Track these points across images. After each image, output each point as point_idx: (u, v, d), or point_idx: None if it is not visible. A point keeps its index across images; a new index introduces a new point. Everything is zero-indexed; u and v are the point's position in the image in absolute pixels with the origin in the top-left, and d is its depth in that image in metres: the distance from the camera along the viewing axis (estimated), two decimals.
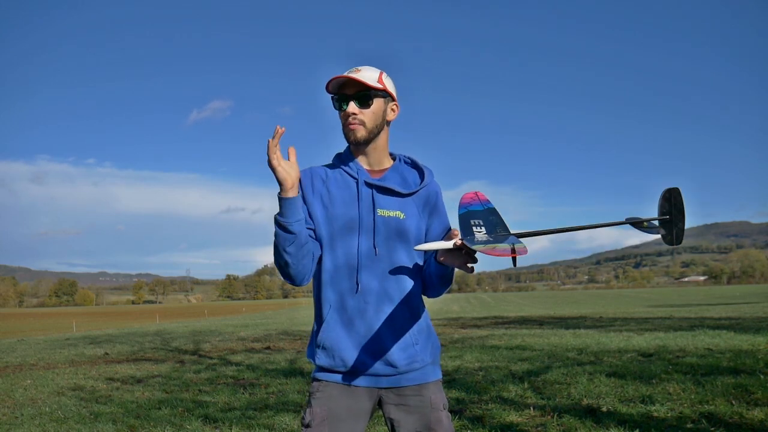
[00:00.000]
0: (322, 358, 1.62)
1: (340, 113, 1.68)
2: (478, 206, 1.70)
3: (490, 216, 1.62)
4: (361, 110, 1.64)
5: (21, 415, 5.13)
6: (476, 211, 1.67)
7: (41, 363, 9.59)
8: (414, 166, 1.79)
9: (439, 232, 1.74)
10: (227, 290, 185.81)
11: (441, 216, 1.75)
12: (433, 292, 1.72)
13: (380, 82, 1.65)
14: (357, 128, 1.64)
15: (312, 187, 1.68)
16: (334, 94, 1.66)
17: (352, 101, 1.63)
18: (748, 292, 45.01)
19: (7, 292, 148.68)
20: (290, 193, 1.54)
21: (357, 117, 1.63)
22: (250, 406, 5.11)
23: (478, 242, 1.42)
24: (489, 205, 1.70)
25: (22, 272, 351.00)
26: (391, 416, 1.62)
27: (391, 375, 1.61)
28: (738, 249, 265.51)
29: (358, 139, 1.65)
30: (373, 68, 1.68)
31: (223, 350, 10.64)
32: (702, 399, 4.47)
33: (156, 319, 32.42)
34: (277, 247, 1.56)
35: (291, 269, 1.59)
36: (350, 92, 1.64)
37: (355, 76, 1.61)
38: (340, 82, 1.64)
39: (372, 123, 1.66)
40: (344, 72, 1.66)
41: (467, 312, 27.28)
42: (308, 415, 1.59)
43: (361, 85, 1.62)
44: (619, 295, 59.08)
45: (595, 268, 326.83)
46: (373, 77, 1.65)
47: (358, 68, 1.66)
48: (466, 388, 5.45)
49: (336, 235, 1.64)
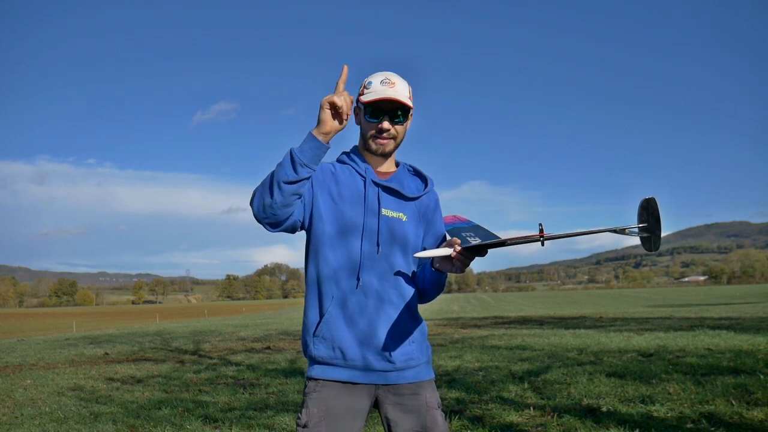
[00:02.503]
0: (321, 348, 1.62)
1: (368, 123, 1.68)
2: (464, 224, 1.81)
3: (479, 230, 1.71)
4: (395, 126, 1.67)
5: (21, 415, 5.13)
6: (464, 227, 1.77)
7: (41, 363, 9.60)
8: (417, 174, 1.82)
9: (435, 239, 1.77)
10: (227, 290, 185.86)
11: (438, 225, 1.79)
12: (425, 299, 1.75)
13: (410, 98, 1.68)
14: (388, 143, 1.68)
15: (321, 179, 1.69)
16: (368, 103, 1.66)
17: (388, 117, 1.65)
18: (748, 292, 45.05)
19: (7, 292, 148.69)
20: (328, 138, 1.51)
21: (390, 133, 1.67)
22: (250, 406, 5.11)
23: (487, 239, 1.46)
24: (472, 223, 1.81)
25: (22, 272, 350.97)
26: (388, 416, 1.63)
27: (388, 371, 1.62)
28: (738, 249, 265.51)
29: (385, 153, 1.70)
30: (402, 79, 1.70)
31: (223, 350, 10.64)
32: (702, 399, 4.47)
33: (156, 319, 32.42)
34: (275, 179, 1.48)
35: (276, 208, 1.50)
36: (386, 107, 1.65)
37: (396, 97, 1.62)
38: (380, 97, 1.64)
39: (401, 138, 1.72)
40: (374, 76, 1.68)
41: (467, 312, 27.30)
42: (304, 416, 1.58)
43: (399, 103, 1.65)
44: (619, 295, 59.09)
45: (595, 268, 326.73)
46: (407, 93, 1.68)
47: (391, 80, 1.67)
48: (466, 388, 5.45)
49: (340, 234, 1.64)
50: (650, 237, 1.77)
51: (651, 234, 1.77)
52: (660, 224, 1.78)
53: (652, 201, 1.79)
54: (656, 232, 1.77)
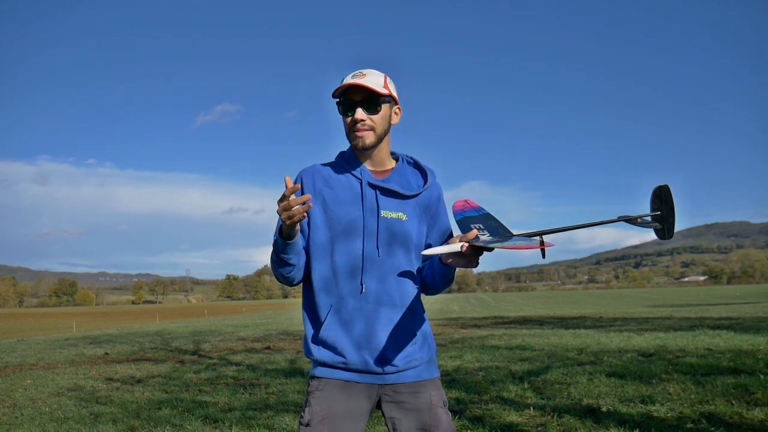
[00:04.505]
0: (322, 352, 1.62)
1: (345, 119, 1.66)
2: (473, 212, 1.73)
3: (489, 221, 1.64)
4: (370, 116, 1.63)
5: (21, 415, 5.13)
6: (473, 217, 1.69)
7: (41, 363, 9.59)
8: (416, 166, 1.78)
9: (440, 235, 1.73)
10: (227, 290, 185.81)
11: (442, 219, 1.75)
12: (433, 292, 1.73)
13: (386, 87, 1.64)
14: (366, 135, 1.63)
15: (313, 190, 1.67)
16: (340, 99, 1.65)
17: (359, 107, 1.62)
18: (748, 292, 45.04)
19: (7, 292, 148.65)
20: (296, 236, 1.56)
21: (366, 123, 1.62)
22: (250, 406, 5.11)
23: (493, 241, 1.43)
24: (483, 210, 1.73)
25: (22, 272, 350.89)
26: (391, 415, 1.62)
27: (389, 373, 1.61)
28: (738, 249, 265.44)
29: (366, 146, 1.64)
30: (377, 72, 1.66)
31: (223, 350, 10.64)
32: (702, 399, 4.47)
33: (156, 319, 32.41)
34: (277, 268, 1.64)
35: (290, 280, 1.67)
36: (357, 98, 1.61)
37: (363, 83, 1.59)
38: (347, 87, 1.61)
39: (380, 129, 1.65)
40: (348, 75, 1.64)
41: (467, 312, 27.29)
42: (307, 414, 1.58)
43: (368, 91, 1.61)
44: (619, 295, 59.07)
45: (595, 268, 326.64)
46: (380, 82, 1.63)
47: (362, 72, 1.64)
48: (466, 388, 5.45)
49: (338, 237, 1.63)
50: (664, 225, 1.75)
51: (664, 222, 1.75)
52: (674, 212, 1.75)
53: (665, 188, 1.76)
54: (669, 221, 1.75)
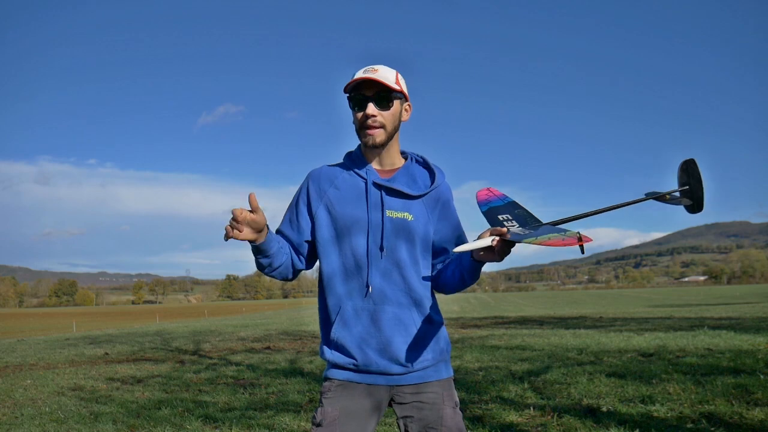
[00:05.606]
0: (334, 354, 1.63)
1: (356, 114, 1.63)
2: (498, 201, 1.67)
3: (515, 209, 1.58)
4: (381, 112, 1.60)
5: (21, 415, 5.13)
6: (499, 207, 1.63)
7: (41, 363, 9.59)
8: (425, 165, 1.75)
9: (450, 233, 1.71)
10: (227, 290, 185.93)
11: (451, 218, 1.72)
12: (457, 289, 1.67)
13: (397, 83, 1.62)
14: (376, 132, 1.61)
15: (318, 192, 1.67)
16: (351, 94, 1.62)
17: (371, 102, 1.59)
18: (748, 292, 45.02)
19: (7, 292, 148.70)
20: (261, 238, 1.57)
21: (376, 119, 1.60)
22: (250, 406, 5.11)
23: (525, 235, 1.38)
24: (508, 199, 1.67)
25: (22, 272, 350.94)
26: (403, 415, 1.63)
27: (401, 374, 1.61)
28: (738, 249, 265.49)
29: (377, 143, 1.62)
30: (389, 68, 1.64)
31: (223, 350, 10.64)
32: (702, 399, 4.47)
33: (156, 319, 32.41)
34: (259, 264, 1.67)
35: (274, 277, 1.73)
36: (369, 93, 1.59)
37: (376, 77, 1.57)
38: (358, 82, 1.59)
39: (391, 125, 1.63)
40: (359, 70, 1.62)
41: (467, 312, 27.27)
42: (319, 414, 1.59)
43: (380, 86, 1.59)
44: (619, 295, 59.06)
45: (595, 268, 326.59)
46: (391, 78, 1.61)
47: (374, 67, 1.62)
48: (466, 388, 5.45)
49: (343, 236, 1.63)
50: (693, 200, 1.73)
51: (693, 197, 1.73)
52: (702, 186, 1.72)
53: (692, 162, 1.74)
54: (698, 194, 1.72)
